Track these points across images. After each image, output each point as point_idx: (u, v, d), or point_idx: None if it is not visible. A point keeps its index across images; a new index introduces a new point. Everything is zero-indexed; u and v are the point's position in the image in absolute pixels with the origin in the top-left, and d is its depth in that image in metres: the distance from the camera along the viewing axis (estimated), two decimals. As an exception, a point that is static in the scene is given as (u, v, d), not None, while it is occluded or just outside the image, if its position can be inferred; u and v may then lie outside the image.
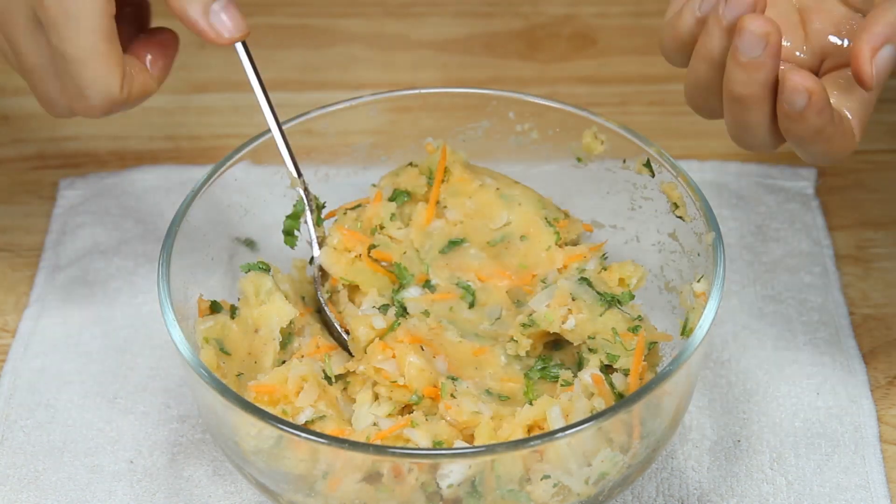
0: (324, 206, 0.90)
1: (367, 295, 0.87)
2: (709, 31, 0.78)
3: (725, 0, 0.76)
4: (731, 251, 1.02)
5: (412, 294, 0.88)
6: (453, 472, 0.74)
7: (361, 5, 1.28)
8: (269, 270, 0.87)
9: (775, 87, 0.77)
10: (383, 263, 0.88)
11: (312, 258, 0.90)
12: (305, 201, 0.89)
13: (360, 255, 0.88)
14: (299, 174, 0.89)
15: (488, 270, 0.89)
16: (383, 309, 0.86)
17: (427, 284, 0.89)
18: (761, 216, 1.05)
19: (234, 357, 0.84)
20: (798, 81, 0.75)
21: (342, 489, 0.75)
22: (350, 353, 0.86)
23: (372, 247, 0.88)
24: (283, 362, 0.84)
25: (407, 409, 0.83)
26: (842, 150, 0.80)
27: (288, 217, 0.91)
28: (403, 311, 0.86)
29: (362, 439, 0.79)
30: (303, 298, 0.90)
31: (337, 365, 0.85)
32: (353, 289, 0.89)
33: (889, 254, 1.03)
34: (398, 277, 0.88)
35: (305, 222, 0.90)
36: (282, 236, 0.92)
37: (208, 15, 0.82)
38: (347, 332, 0.86)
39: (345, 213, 0.90)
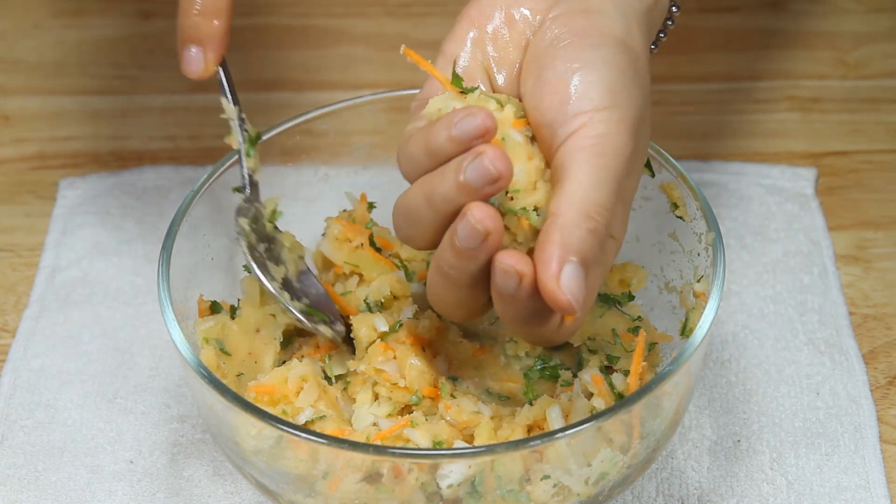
0: (259, 137, 0.88)
1: (371, 283, 0.87)
2: (442, 179, 0.72)
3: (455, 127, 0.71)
4: (730, 251, 1.02)
5: (414, 289, 0.88)
6: (453, 472, 0.74)
7: (362, 5, 1.28)
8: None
9: (485, 275, 0.72)
10: (386, 253, 0.88)
11: (241, 188, 0.87)
12: (238, 131, 0.87)
13: (362, 244, 0.88)
14: (236, 102, 0.87)
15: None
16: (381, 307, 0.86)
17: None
18: (761, 216, 1.05)
19: (234, 357, 0.84)
20: (509, 264, 0.70)
21: (342, 489, 0.75)
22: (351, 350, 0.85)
23: (372, 236, 0.88)
24: (283, 362, 0.84)
25: (407, 409, 0.83)
26: (563, 335, 0.75)
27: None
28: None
29: (362, 439, 0.79)
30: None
31: (337, 365, 0.85)
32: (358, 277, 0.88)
33: (889, 254, 1.03)
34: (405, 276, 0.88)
35: (238, 153, 0.87)
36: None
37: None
38: (350, 336, 0.86)
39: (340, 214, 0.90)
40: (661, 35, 0.86)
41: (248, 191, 0.87)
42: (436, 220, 0.73)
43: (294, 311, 0.83)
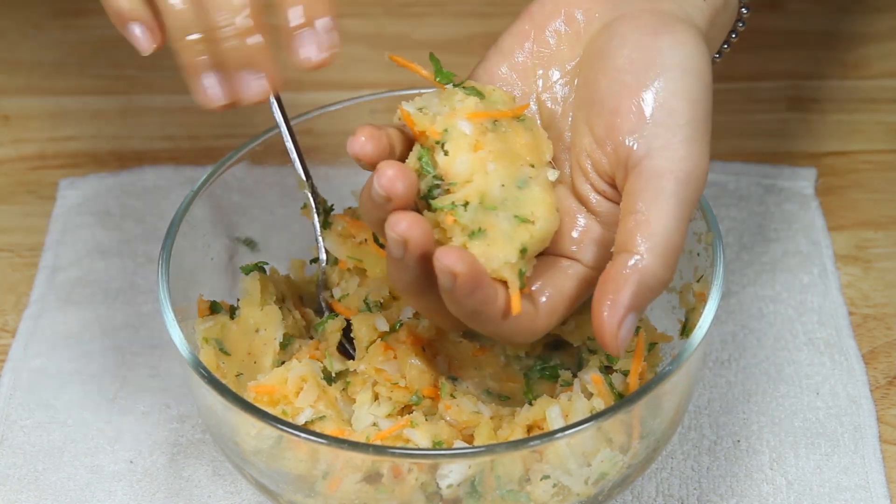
0: (332, 209, 0.90)
1: (371, 283, 0.87)
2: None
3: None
4: (730, 251, 1.02)
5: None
6: (453, 473, 0.74)
7: (361, 5, 1.28)
8: (267, 271, 0.87)
9: (430, 282, 0.72)
10: None
11: (317, 259, 0.90)
12: (313, 203, 0.89)
13: (366, 240, 0.88)
14: (308, 176, 0.88)
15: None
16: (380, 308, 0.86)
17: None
18: (761, 216, 1.05)
19: (234, 357, 0.84)
20: (444, 263, 0.69)
21: (342, 489, 0.75)
22: (347, 357, 0.86)
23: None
24: (283, 363, 0.84)
25: (407, 409, 0.83)
26: (517, 333, 0.74)
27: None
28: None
29: (362, 439, 0.79)
30: (301, 298, 0.90)
31: (337, 365, 0.85)
32: (360, 273, 0.89)
33: (889, 254, 1.03)
34: None
35: (313, 225, 0.90)
36: (281, 237, 0.92)
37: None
38: (350, 336, 0.86)
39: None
40: (733, 35, 0.83)
41: (325, 263, 0.89)
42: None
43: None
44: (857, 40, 1.23)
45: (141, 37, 0.79)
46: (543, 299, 0.75)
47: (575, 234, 0.76)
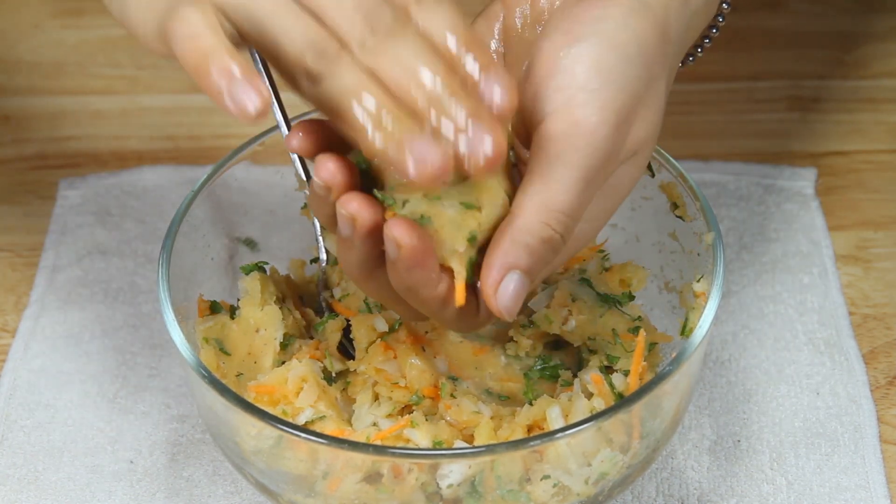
0: None
1: None
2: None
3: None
4: (730, 251, 1.02)
5: None
6: (453, 473, 0.74)
7: (361, 5, 1.28)
8: (267, 271, 0.87)
9: (379, 263, 0.72)
10: None
11: (317, 259, 0.90)
12: None
13: None
14: (308, 176, 0.88)
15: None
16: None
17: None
18: (761, 216, 1.05)
19: (234, 357, 0.84)
20: (393, 232, 0.68)
21: (342, 489, 0.75)
22: (347, 357, 0.86)
23: None
24: (283, 363, 0.84)
25: (407, 409, 0.83)
26: (457, 322, 0.73)
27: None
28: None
29: (362, 439, 0.79)
30: (301, 298, 0.90)
31: (337, 365, 0.85)
32: None
33: (889, 254, 1.03)
34: None
35: (313, 225, 0.90)
36: (281, 237, 0.92)
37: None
38: (350, 336, 0.86)
39: None
40: (714, 31, 0.82)
41: (325, 263, 0.89)
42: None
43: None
44: (857, 40, 1.23)
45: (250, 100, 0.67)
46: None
47: None
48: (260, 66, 0.85)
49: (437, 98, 0.66)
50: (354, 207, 0.69)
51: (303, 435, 0.73)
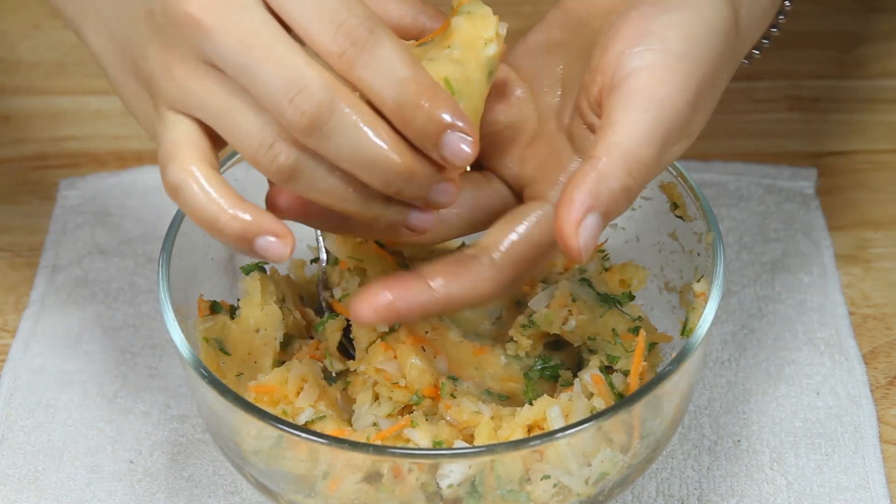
0: None
1: (373, 279, 0.87)
2: None
3: None
4: (730, 251, 1.02)
5: None
6: (453, 472, 0.74)
7: (361, 5, 1.28)
8: (267, 271, 0.87)
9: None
10: (389, 250, 0.89)
11: (317, 259, 0.90)
12: None
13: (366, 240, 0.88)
14: None
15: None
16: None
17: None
18: (761, 216, 1.05)
19: (234, 357, 0.84)
20: (363, 317, 0.69)
21: (342, 489, 0.75)
22: (347, 357, 0.86)
23: None
24: (283, 363, 0.84)
25: (407, 409, 0.83)
26: (478, 299, 0.72)
27: None
28: None
29: (362, 439, 0.79)
30: (301, 298, 0.90)
31: (337, 365, 0.85)
32: (360, 272, 0.89)
33: (889, 254, 1.03)
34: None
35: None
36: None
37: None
38: (350, 336, 0.86)
39: None
40: (774, 30, 0.83)
41: (325, 263, 0.89)
42: None
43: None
44: (857, 40, 1.23)
45: (276, 245, 0.68)
46: (503, 249, 0.73)
47: (562, 179, 0.75)
48: None
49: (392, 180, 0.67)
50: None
51: (303, 435, 0.73)
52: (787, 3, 0.82)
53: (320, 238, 0.89)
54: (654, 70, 0.70)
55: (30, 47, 1.24)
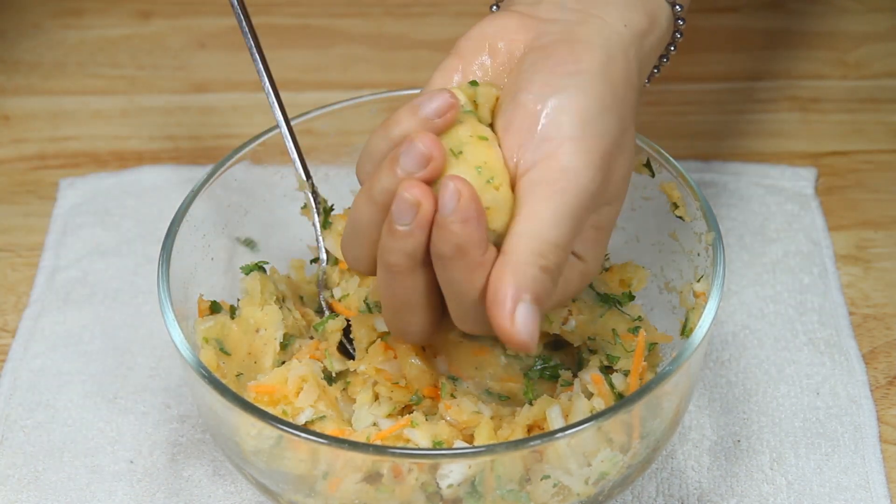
0: (332, 209, 0.90)
1: (371, 283, 0.87)
2: (380, 172, 0.73)
3: (406, 145, 0.72)
4: (730, 251, 1.02)
5: None
6: (453, 472, 0.74)
7: (361, 5, 1.28)
8: (267, 271, 0.87)
9: (426, 260, 0.73)
10: None
11: (317, 259, 0.90)
12: (313, 204, 0.89)
13: None
14: (308, 176, 0.89)
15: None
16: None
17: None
18: (761, 216, 1.05)
19: (234, 357, 0.84)
20: (454, 183, 0.70)
21: (342, 489, 0.75)
22: (347, 357, 0.86)
23: None
24: (283, 363, 0.84)
25: (407, 409, 0.83)
26: (478, 318, 0.74)
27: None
28: None
29: (362, 439, 0.79)
30: (301, 298, 0.90)
31: (337, 365, 0.85)
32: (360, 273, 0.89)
33: (889, 254, 1.03)
34: None
35: (313, 225, 0.90)
36: (281, 237, 0.92)
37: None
38: (350, 336, 0.86)
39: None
40: (672, 49, 0.85)
41: (325, 263, 0.89)
42: (379, 221, 0.74)
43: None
44: (857, 40, 1.23)
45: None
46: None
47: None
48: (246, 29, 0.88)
49: None
50: (418, 193, 0.71)
51: (303, 435, 0.73)
52: (680, 22, 0.83)
53: (320, 238, 0.89)
54: (554, 160, 0.73)
55: (30, 47, 1.24)
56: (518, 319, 0.70)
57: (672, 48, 0.85)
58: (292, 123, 0.90)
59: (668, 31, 0.83)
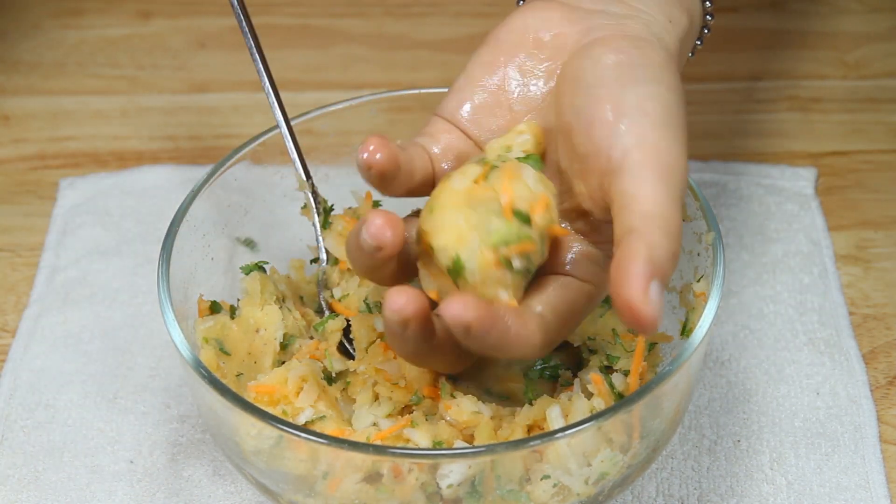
0: (332, 209, 0.90)
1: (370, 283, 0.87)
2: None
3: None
4: (730, 251, 1.02)
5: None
6: (453, 473, 0.74)
7: (361, 5, 1.28)
8: (267, 271, 0.87)
9: (428, 345, 0.74)
10: None
11: (317, 259, 0.90)
12: (313, 204, 0.89)
13: None
14: (308, 176, 0.89)
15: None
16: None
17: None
18: (761, 216, 1.05)
19: (234, 357, 0.84)
20: (453, 315, 0.69)
21: (342, 489, 0.75)
22: (347, 357, 0.86)
23: None
24: (283, 363, 0.84)
25: (407, 409, 0.83)
26: (519, 351, 0.74)
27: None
28: None
29: (362, 439, 0.79)
30: (301, 298, 0.90)
31: (337, 365, 0.85)
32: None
33: (889, 254, 1.03)
34: None
35: (313, 225, 0.90)
36: (281, 237, 0.92)
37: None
38: (350, 336, 0.86)
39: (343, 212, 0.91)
40: (698, 43, 0.84)
41: (325, 263, 0.89)
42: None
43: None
44: (857, 40, 1.23)
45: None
46: (539, 313, 0.74)
47: (568, 256, 0.77)
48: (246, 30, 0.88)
49: None
50: (402, 304, 0.71)
51: (303, 435, 0.73)
52: (708, 18, 0.83)
53: (320, 238, 0.89)
54: (649, 141, 0.71)
55: (30, 47, 1.24)
56: (652, 299, 0.68)
57: (699, 43, 0.84)
58: (292, 123, 0.90)
59: (699, 28, 0.82)
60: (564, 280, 0.76)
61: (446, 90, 0.83)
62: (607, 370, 0.82)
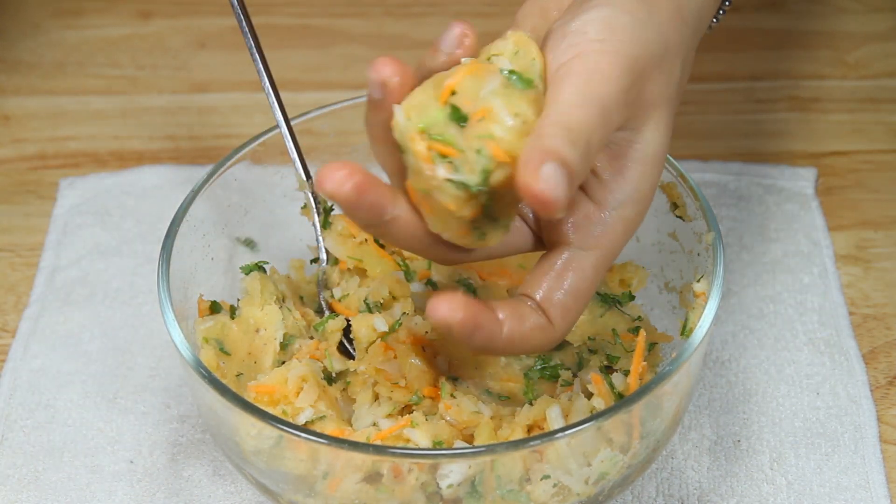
0: (332, 209, 0.90)
1: (371, 284, 0.87)
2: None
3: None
4: (730, 251, 1.02)
5: (414, 289, 0.88)
6: (453, 472, 0.74)
7: (361, 5, 1.28)
8: (267, 271, 0.87)
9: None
10: (388, 250, 0.89)
11: (317, 259, 0.90)
12: (313, 204, 0.89)
13: (366, 239, 0.88)
14: (308, 176, 0.89)
15: (489, 269, 0.89)
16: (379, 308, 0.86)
17: (429, 282, 0.89)
18: (761, 216, 1.05)
19: (234, 357, 0.84)
20: (438, 315, 0.69)
21: (342, 489, 0.75)
22: (347, 357, 0.86)
23: None
24: (283, 363, 0.84)
25: (407, 409, 0.83)
26: (536, 346, 0.74)
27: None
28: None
29: (362, 439, 0.79)
30: (301, 298, 0.90)
31: (337, 365, 0.85)
32: (360, 272, 0.89)
33: (889, 254, 1.03)
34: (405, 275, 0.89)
35: (313, 225, 0.90)
36: (281, 237, 0.92)
37: None
38: (350, 336, 0.86)
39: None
40: (721, 12, 0.84)
41: (325, 263, 0.89)
42: None
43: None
44: (857, 40, 1.23)
45: None
46: (556, 303, 0.74)
47: (570, 220, 0.75)
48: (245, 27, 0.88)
49: None
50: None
51: (303, 435, 0.73)
52: None
53: (320, 238, 0.89)
54: (578, 57, 0.72)
55: (30, 47, 1.24)
56: (542, 176, 0.66)
57: (727, 2, 0.84)
58: (292, 123, 0.90)
59: None
60: (571, 255, 0.75)
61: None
62: (607, 370, 0.82)
